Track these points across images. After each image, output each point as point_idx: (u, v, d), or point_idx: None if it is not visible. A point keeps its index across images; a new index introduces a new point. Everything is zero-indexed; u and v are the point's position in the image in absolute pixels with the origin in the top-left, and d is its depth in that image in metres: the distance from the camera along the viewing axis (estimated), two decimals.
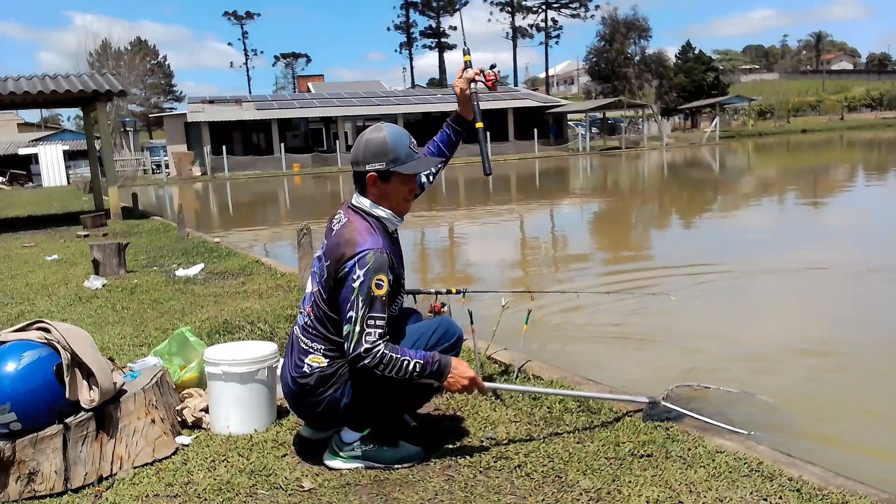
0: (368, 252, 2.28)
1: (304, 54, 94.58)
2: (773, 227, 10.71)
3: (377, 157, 2.38)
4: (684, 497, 2.16)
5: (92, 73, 15.19)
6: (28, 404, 2.28)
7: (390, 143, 2.39)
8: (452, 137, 2.80)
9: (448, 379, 2.37)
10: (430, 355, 2.36)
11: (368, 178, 2.40)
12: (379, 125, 2.47)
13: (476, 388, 2.44)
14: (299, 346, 2.44)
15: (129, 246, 7.67)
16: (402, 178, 2.43)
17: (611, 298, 5.42)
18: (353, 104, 42.07)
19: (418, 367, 2.31)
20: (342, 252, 2.32)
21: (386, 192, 2.42)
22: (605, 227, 12.24)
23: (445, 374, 2.37)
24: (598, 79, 61.92)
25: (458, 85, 2.71)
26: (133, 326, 4.64)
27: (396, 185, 2.42)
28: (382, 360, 2.26)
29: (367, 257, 2.28)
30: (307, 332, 2.43)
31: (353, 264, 2.28)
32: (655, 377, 3.67)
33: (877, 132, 45.84)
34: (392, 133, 2.42)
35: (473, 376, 2.41)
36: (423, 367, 2.32)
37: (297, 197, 23.45)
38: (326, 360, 2.38)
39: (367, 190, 2.42)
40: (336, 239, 2.38)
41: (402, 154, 2.40)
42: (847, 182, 17.85)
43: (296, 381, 2.41)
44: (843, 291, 6.09)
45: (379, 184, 2.40)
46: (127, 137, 42.62)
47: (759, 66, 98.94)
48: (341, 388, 2.38)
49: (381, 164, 2.38)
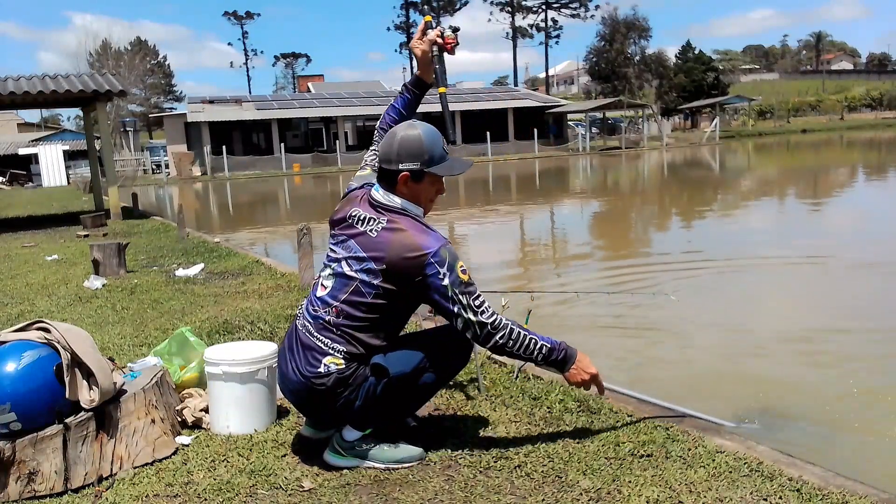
0: (439, 249, 2.27)
1: (304, 54, 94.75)
2: (772, 224, 10.72)
3: (412, 157, 2.33)
4: (684, 497, 2.15)
5: (92, 73, 15.19)
6: (28, 404, 2.28)
7: (426, 143, 2.34)
8: (412, 101, 2.75)
9: (571, 370, 2.40)
10: (558, 342, 2.39)
11: (401, 178, 2.35)
12: (412, 122, 2.43)
13: (595, 386, 2.46)
14: (314, 345, 2.36)
15: (129, 246, 7.67)
16: (433, 179, 2.40)
17: (611, 297, 5.43)
18: (353, 104, 42.06)
19: (545, 350, 2.35)
20: (411, 260, 2.26)
21: (416, 193, 2.39)
22: (606, 225, 12.24)
23: (570, 364, 2.39)
24: (598, 79, 61.91)
25: (417, 46, 2.64)
26: (133, 326, 4.64)
27: (427, 185, 2.39)
28: (511, 334, 2.31)
29: (442, 253, 2.27)
30: (328, 331, 2.35)
31: (432, 268, 2.26)
32: (655, 376, 3.68)
33: (877, 132, 45.84)
34: (427, 132, 2.37)
35: (596, 373, 2.42)
36: (551, 351, 2.36)
37: (297, 197, 23.45)
38: (345, 362, 2.33)
39: (397, 189, 2.38)
40: (397, 247, 2.28)
41: (437, 155, 2.36)
42: (847, 181, 17.85)
43: (310, 380, 2.35)
44: (841, 282, 6.12)
45: (410, 183, 2.36)
46: (127, 137, 42.61)
47: (759, 66, 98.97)
48: (356, 391, 2.35)
49: (416, 164, 2.34)
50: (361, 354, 2.35)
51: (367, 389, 2.35)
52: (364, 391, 2.35)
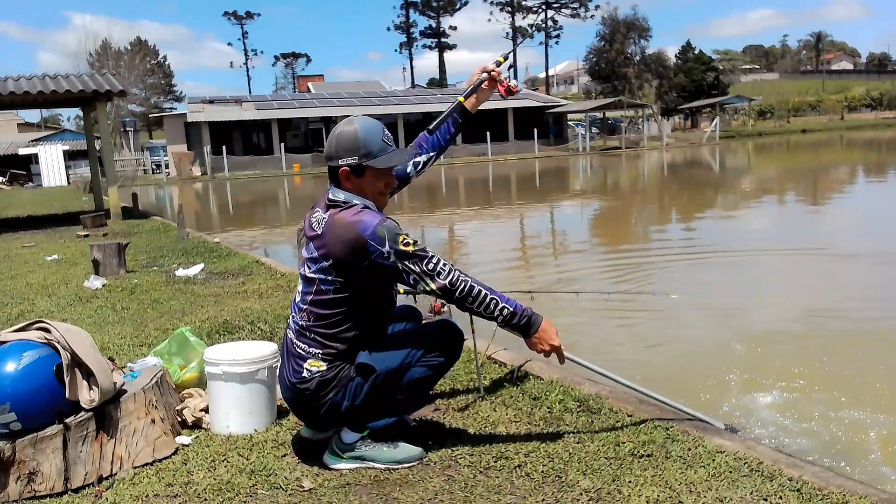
0: (376, 227, 2.26)
1: (304, 54, 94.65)
2: (772, 223, 10.72)
3: (349, 152, 2.35)
4: (684, 497, 2.15)
5: (92, 73, 15.19)
6: (28, 404, 2.28)
7: (361, 137, 2.35)
8: (453, 129, 2.79)
9: (534, 336, 2.37)
10: (522, 306, 2.36)
11: (341, 173, 2.36)
12: (351, 118, 2.44)
13: (557, 355, 2.44)
14: (296, 352, 2.40)
15: (129, 246, 7.67)
16: (376, 173, 2.39)
17: (611, 297, 5.44)
18: (354, 104, 42.06)
19: (506, 312, 2.33)
20: (349, 243, 2.27)
21: (360, 187, 2.39)
22: (606, 225, 12.24)
23: (534, 329, 2.36)
24: (598, 79, 61.91)
25: (478, 73, 2.74)
26: (133, 326, 4.64)
27: (370, 179, 2.39)
28: (472, 291, 2.29)
29: (379, 231, 2.25)
30: (303, 336, 2.39)
31: (372, 247, 2.25)
32: (656, 374, 3.67)
33: (877, 132, 45.86)
34: (364, 126, 2.38)
35: (559, 344, 2.40)
36: (513, 314, 2.33)
37: (297, 197, 23.45)
38: (325, 363, 2.35)
39: (343, 185, 2.39)
40: (334, 236, 2.30)
41: (375, 148, 2.36)
42: (847, 181, 17.86)
43: (295, 386, 2.39)
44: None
45: (352, 178, 2.37)
46: (127, 137, 42.61)
47: (759, 66, 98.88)
48: (342, 392, 2.36)
49: (353, 158, 2.35)
50: (340, 353, 2.36)
51: (353, 389, 2.36)
52: (351, 391, 2.36)
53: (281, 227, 14.34)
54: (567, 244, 9.41)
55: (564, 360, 2.50)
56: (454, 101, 2.81)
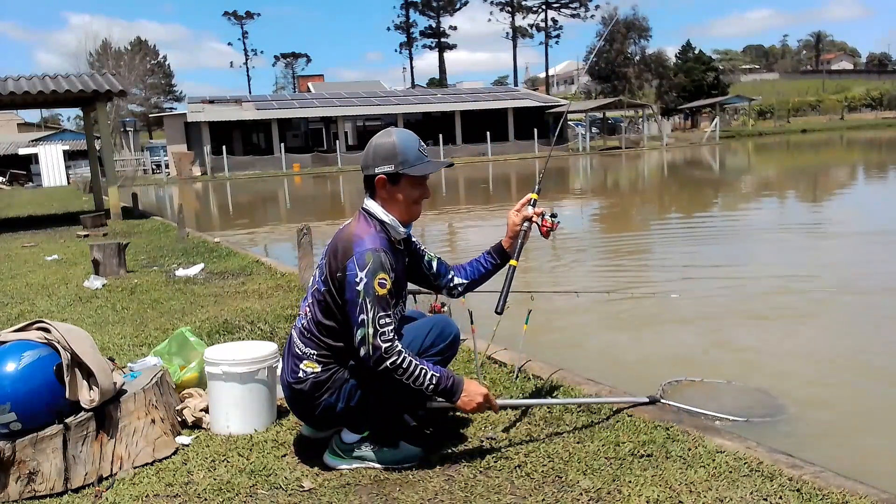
0: (367, 252, 2.28)
1: (304, 54, 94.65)
2: (773, 222, 10.73)
3: (386, 161, 2.39)
4: (684, 497, 2.15)
5: (92, 73, 15.19)
6: (28, 404, 2.28)
7: (399, 146, 2.39)
8: (489, 268, 2.76)
9: (462, 398, 2.37)
10: (445, 372, 2.37)
11: (377, 181, 2.40)
12: (389, 130, 2.49)
13: (489, 407, 2.45)
14: (294, 351, 2.44)
15: (129, 246, 7.67)
16: (412, 181, 2.42)
17: (611, 296, 5.44)
18: (354, 104, 42.07)
19: (434, 381, 2.32)
20: (342, 252, 2.33)
21: (395, 196, 2.42)
22: (606, 225, 12.24)
23: (458, 393, 2.36)
24: (598, 79, 61.92)
25: (513, 218, 2.72)
26: (133, 326, 4.64)
27: (406, 187, 2.42)
28: (403, 363, 2.27)
29: (366, 257, 2.28)
30: (303, 335, 2.43)
31: (352, 265, 2.28)
32: (656, 373, 3.67)
33: (877, 132, 45.85)
34: (401, 137, 2.43)
35: (486, 393, 2.42)
36: (439, 381, 2.33)
37: (297, 197, 23.45)
38: (320, 365, 2.38)
39: (377, 193, 2.42)
40: (336, 239, 2.40)
41: (412, 157, 2.40)
42: (847, 181, 17.86)
43: (291, 386, 2.43)
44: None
45: (388, 187, 2.40)
46: (127, 137, 42.61)
47: (759, 66, 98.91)
48: (336, 394, 2.38)
49: (390, 166, 2.38)
50: (334, 357, 2.38)
51: (347, 392, 2.37)
52: (345, 393, 2.37)
53: (281, 228, 14.34)
54: (567, 244, 9.40)
55: (497, 408, 2.53)
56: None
